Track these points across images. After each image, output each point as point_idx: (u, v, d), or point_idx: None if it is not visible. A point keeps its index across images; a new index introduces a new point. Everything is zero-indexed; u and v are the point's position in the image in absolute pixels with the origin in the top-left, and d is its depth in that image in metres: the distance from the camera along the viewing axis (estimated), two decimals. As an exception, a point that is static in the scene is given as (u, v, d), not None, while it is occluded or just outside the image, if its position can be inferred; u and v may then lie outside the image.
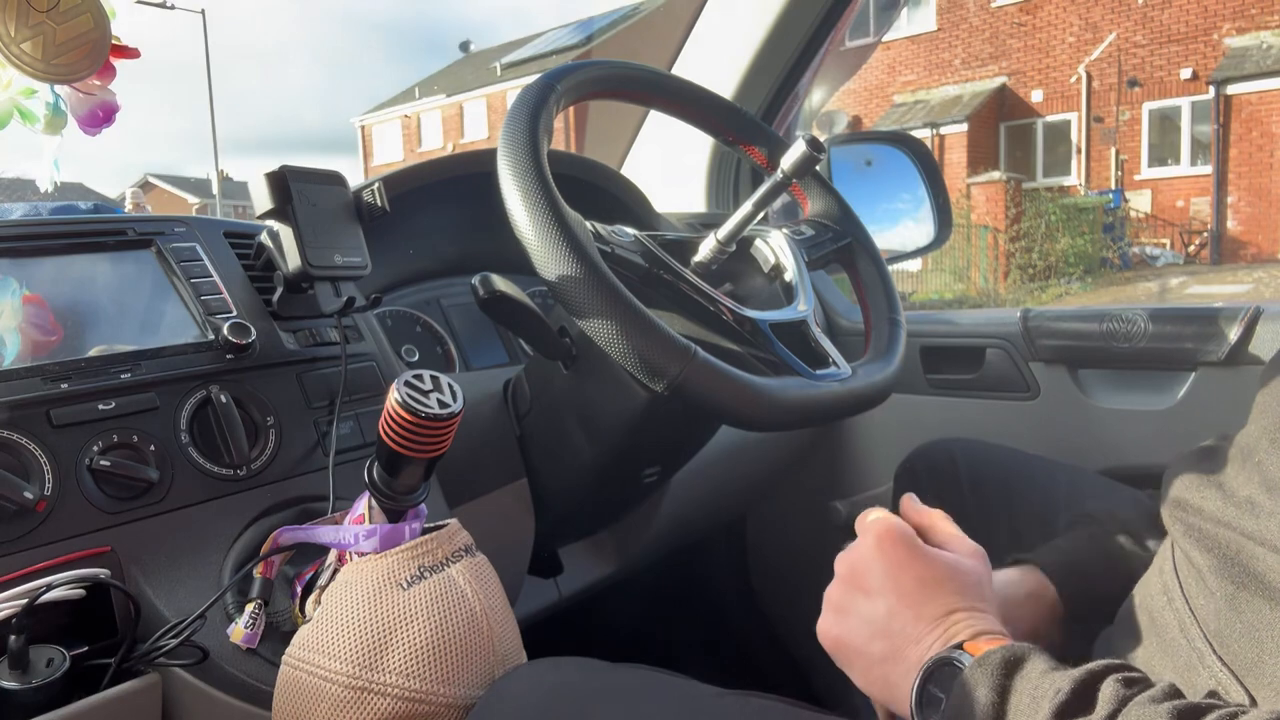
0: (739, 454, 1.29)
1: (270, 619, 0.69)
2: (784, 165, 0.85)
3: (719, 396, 0.72)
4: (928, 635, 0.57)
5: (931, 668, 0.54)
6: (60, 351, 0.72)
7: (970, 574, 0.60)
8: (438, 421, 0.61)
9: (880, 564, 0.60)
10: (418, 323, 1.12)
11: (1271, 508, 0.51)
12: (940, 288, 11.65)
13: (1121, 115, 13.85)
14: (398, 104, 25.55)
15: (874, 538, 0.62)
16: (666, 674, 0.66)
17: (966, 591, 0.59)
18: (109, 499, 0.68)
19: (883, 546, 0.61)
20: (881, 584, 0.60)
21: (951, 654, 0.54)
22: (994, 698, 0.49)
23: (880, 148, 1.44)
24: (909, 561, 0.60)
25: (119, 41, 0.65)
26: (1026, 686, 0.49)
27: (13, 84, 0.64)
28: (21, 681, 0.60)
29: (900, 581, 0.59)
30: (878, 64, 15.56)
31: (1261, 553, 0.51)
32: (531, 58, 21.32)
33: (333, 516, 0.73)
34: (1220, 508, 0.55)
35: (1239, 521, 0.53)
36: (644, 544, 1.22)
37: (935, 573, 0.59)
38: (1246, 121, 12.45)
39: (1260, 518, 0.52)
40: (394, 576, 0.63)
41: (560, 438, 0.94)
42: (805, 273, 0.90)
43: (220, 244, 0.86)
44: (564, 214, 0.72)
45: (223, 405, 0.75)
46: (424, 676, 0.61)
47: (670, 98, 0.94)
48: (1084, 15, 13.98)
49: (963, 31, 15.10)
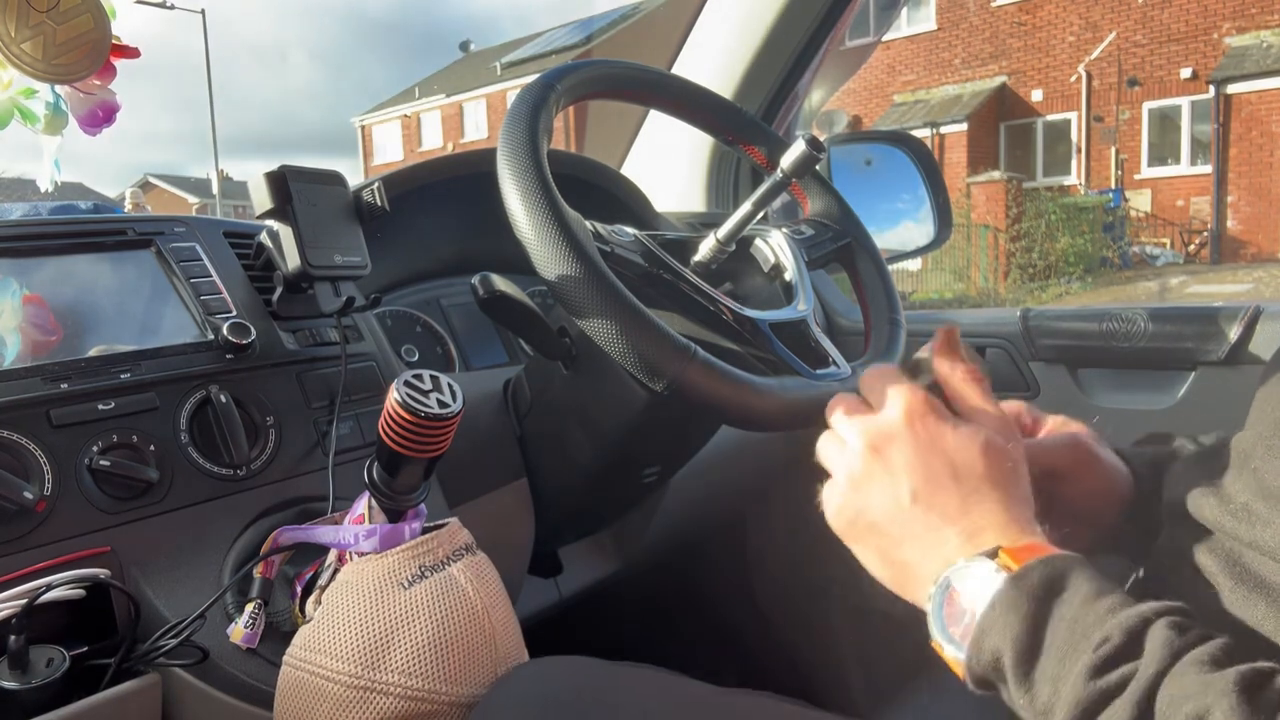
0: (739, 454, 1.29)
1: (270, 619, 0.69)
2: (784, 165, 0.85)
3: (719, 396, 0.72)
4: (956, 530, 0.51)
5: (956, 574, 0.50)
6: (60, 351, 0.72)
7: (1006, 458, 0.54)
8: (438, 421, 0.61)
9: (909, 441, 0.54)
10: (418, 323, 1.12)
11: (1268, 516, 0.51)
12: (940, 287, 11.66)
13: (1121, 115, 13.85)
14: (398, 104, 25.56)
15: (904, 412, 0.55)
16: (667, 673, 0.66)
17: (1002, 480, 0.53)
18: (109, 499, 0.68)
19: (912, 422, 0.54)
20: (909, 463, 0.54)
21: (983, 563, 0.49)
22: (1028, 626, 0.45)
23: (880, 147, 1.43)
24: (940, 441, 0.54)
25: (119, 41, 0.65)
26: (1066, 616, 0.45)
27: (13, 84, 0.64)
28: (21, 681, 0.60)
29: (930, 464, 0.53)
30: (878, 64, 15.57)
31: (1260, 559, 0.51)
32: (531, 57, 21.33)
33: (332, 516, 0.73)
34: (1217, 515, 0.55)
35: (1235, 529, 0.53)
36: (644, 544, 1.22)
37: (968, 456, 0.53)
38: (1246, 121, 12.46)
39: (1256, 525, 0.52)
40: (395, 576, 0.63)
41: (560, 438, 0.94)
42: (805, 272, 0.90)
43: (220, 244, 0.86)
44: (564, 214, 0.72)
45: (222, 405, 0.75)
46: (427, 675, 0.61)
47: (670, 97, 0.94)
48: (1084, 15, 13.98)
49: (963, 31, 15.10)
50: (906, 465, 0.54)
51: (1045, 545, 0.49)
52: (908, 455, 0.54)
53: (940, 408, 0.56)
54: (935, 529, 0.52)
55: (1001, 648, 0.46)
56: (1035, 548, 0.49)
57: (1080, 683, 0.43)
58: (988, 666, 0.47)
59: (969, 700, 0.91)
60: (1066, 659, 0.44)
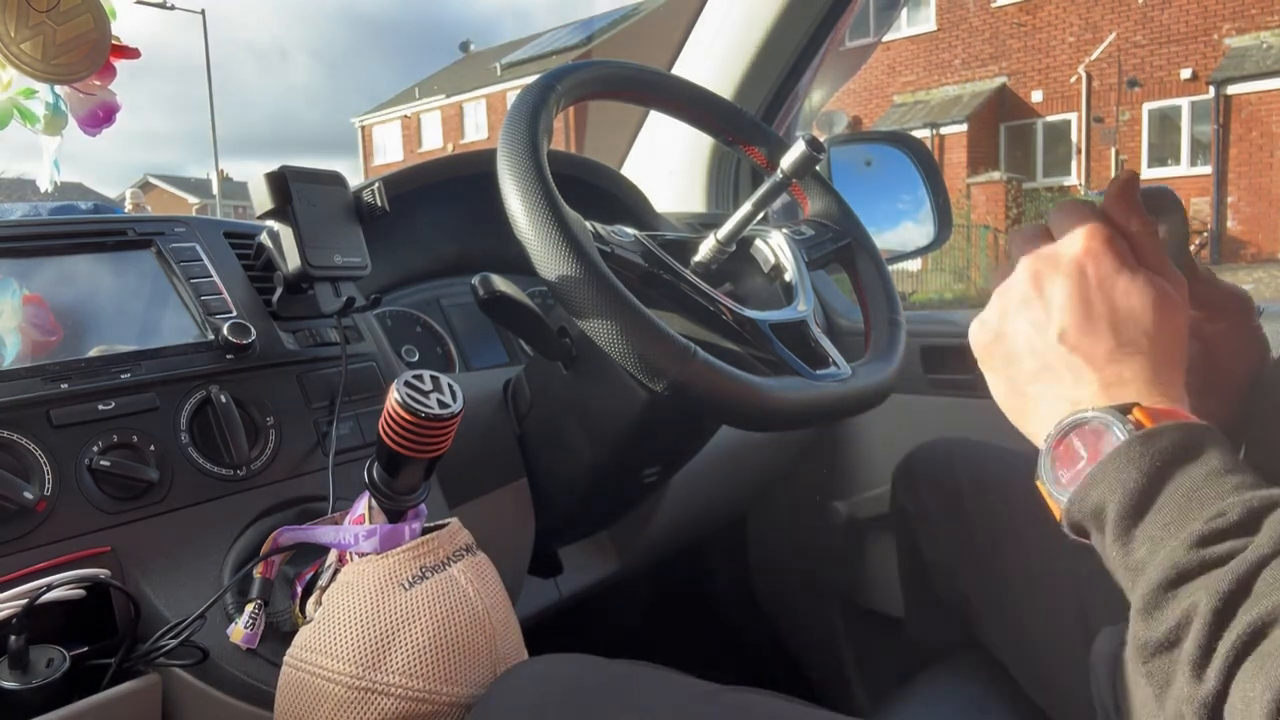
0: (739, 454, 1.29)
1: (270, 619, 0.69)
2: (784, 165, 0.85)
3: (719, 396, 0.72)
4: (1098, 377, 0.49)
5: (1083, 421, 0.48)
6: (60, 351, 0.72)
7: (1174, 317, 0.50)
8: (438, 421, 0.61)
9: (1075, 278, 0.51)
10: (418, 323, 1.12)
11: None
12: (940, 288, 11.65)
13: (1121, 115, 13.85)
14: (398, 104, 25.56)
15: (1081, 247, 0.52)
16: (666, 671, 0.66)
17: (1162, 339, 0.50)
18: (109, 499, 0.68)
19: (1086, 259, 0.51)
20: (1068, 299, 0.51)
21: (1113, 415, 0.46)
22: (1144, 484, 0.44)
23: (880, 148, 1.43)
24: (1110, 284, 0.51)
25: (119, 41, 0.65)
26: (1185, 484, 0.43)
27: (13, 84, 0.64)
28: (21, 681, 0.60)
29: (1091, 305, 0.50)
30: (878, 64, 15.57)
31: None
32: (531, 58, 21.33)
33: (333, 516, 0.73)
34: None
35: None
36: (644, 544, 1.22)
37: (1137, 306, 0.50)
38: (1246, 121, 12.45)
39: None
40: (395, 576, 0.63)
41: (560, 438, 0.94)
42: (805, 273, 0.90)
43: (220, 244, 0.86)
44: (564, 214, 0.72)
45: (223, 405, 0.75)
46: (427, 676, 0.61)
47: (670, 98, 0.94)
48: (1084, 15, 13.98)
49: (963, 32, 15.10)
50: (1065, 301, 0.51)
51: (1185, 413, 0.47)
52: (1068, 291, 0.51)
53: (1124, 252, 0.52)
54: (1076, 371, 0.50)
55: (1108, 499, 0.45)
56: (1174, 413, 0.47)
57: (1182, 548, 0.41)
58: (1089, 514, 0.46)
59: (969, 700, 0.91)
60: (1173, 524, 0.42)
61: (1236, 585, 0.39)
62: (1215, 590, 0.39)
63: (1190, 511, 0.42)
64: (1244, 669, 0.37)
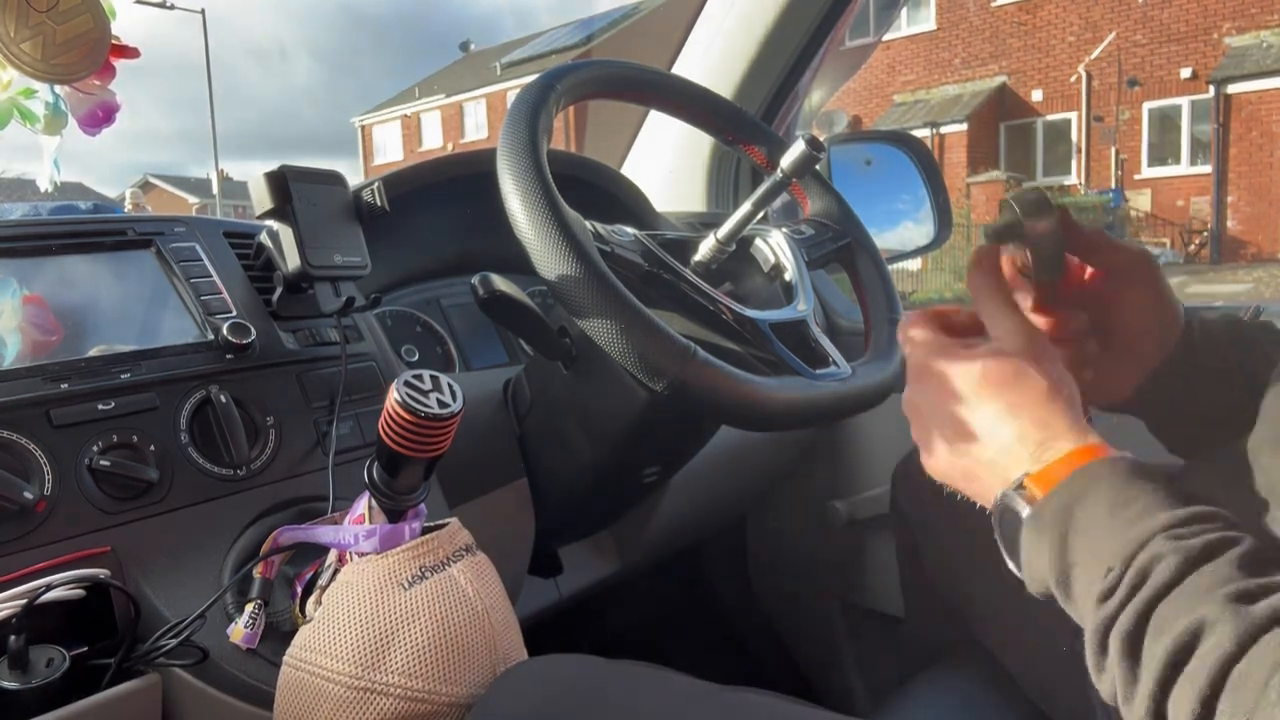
0: (739, 454, 1.29)
1: (270, 619, 0.69)
2: (784, 165, 0.85)
3: (719, 396, 0.72)
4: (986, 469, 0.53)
5: (999, 507, 0.52)
6: (60, 351, 0.72)
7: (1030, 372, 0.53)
8: (438, 421, 0.61)
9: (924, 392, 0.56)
10: (418, 323, 1.12)
11: (1276, 514, 0.51)
12: (940, 288, 11.64)
13: (1121, 115, 13.85)
14: (398, 104, 25.57)
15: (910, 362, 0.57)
16: (666, 671, 0.66)
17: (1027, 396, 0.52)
18: (109, 499, 0.68)
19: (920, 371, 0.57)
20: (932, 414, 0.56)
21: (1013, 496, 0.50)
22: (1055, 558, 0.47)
23: (880, 147, 1.43)
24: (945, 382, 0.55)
25: (119, 41, 0.65)
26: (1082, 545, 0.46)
27: (13, 84, 0.64)
28: (21, 681, 0.60)
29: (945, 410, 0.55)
30: (878, 64, 15.57)
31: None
32: (531, 57, 21.34)
33: (332, 516, 0.73)
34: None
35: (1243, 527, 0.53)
36: (644, 544, 1.22)
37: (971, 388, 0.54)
38: (1246, 121, 12.46)
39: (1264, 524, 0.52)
40: (395, 576, 0.63)
41: (560, 437, 0.94)
42: (805, 272, 0.90)
43: (220, 244, 0.86)
44: (564, 214, 0.72)
45: (222, 405, 0.75)
46: (427, 676, 0.61)
47: (670, 97, 0.94)
48: (1084, 15, 13.98)
49: (963, 31, 15.10)
50: (931, 417, 0.56)
51: (1070, 454, 0.49)
52: (929, 406, 0.56)
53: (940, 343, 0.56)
54: (969, 474, 0.54)
55: (1046, 578, 0.49)
56: (1059, 464, 0.49)
57: (1094, 608, 0.45)
58: (1043, 594, 0.50)
59: (969, 700, 0.91)
60: (1092, 584, 0.46)
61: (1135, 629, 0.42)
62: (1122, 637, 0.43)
63: (1093, 568, 0.46)
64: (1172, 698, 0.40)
